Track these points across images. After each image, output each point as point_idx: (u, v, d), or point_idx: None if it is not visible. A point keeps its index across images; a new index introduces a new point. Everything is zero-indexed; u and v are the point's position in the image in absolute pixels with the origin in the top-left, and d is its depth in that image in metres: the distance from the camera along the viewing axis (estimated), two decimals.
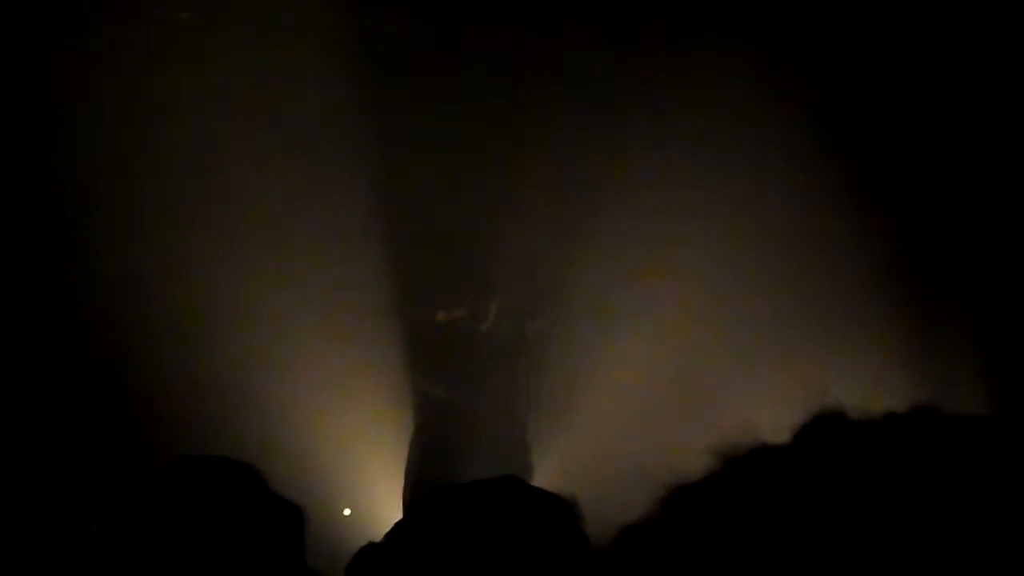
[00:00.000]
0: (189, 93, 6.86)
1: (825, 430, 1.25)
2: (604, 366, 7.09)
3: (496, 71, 7.33)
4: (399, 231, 7.18)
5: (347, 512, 6.95)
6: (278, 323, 6.95)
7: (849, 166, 7.08)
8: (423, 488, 6.72)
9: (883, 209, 7.17)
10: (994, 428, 1.20)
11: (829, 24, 7.05)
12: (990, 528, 1.14)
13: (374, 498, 6.84)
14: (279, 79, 7.02)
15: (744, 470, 1.27)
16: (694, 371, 7.07)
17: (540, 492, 2.04)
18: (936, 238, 7.26)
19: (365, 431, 6.97)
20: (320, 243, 7.08)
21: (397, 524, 2.05)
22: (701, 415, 6.99)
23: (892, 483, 1.18)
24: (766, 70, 6.84)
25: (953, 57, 7.00)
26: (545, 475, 6.62)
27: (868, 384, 6.86)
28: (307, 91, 7.03)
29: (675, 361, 7.04)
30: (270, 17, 7.07)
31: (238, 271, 6.88)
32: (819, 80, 7.05)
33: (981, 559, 1.13)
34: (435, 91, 7.27)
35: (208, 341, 6.79)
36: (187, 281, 6.81)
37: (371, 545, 3.26)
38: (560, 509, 2.00)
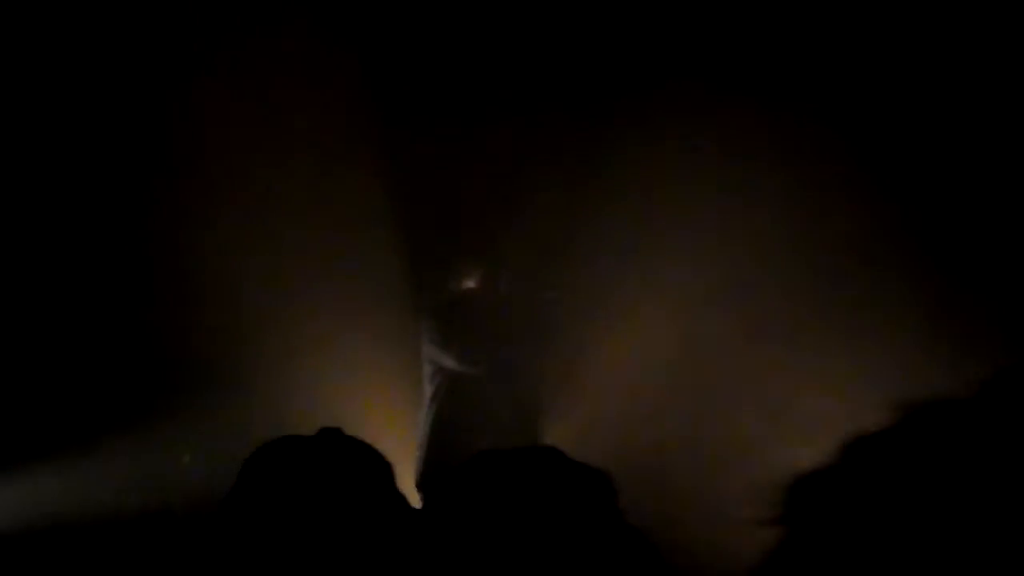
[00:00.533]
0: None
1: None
2: (617, 341, 7.10)
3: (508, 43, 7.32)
4: (413, 203, 7.18)
5: None
6: (291, 293, 6.96)
7: (860, 150, 7.07)
8: (434, 460, 6.74)
9: (893, 197, 7.16)
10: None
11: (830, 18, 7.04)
12: None
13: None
14: (291, 60, 7.03)
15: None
16: (707, 348, 7.08)
17: (580, 464, 2.06)
18: (944, 228, 7.24)
19: (376, 403, 6.98)
20: (336, 216, 7.08)
21: (436, 489, 2.06)
22: (713, 392, 7.01)
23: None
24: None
25: (958, 49, 7.00)
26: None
27: (882, 371, 6.88)
28: (322, 73, 7.03)
29: (688, 337, 7.04)
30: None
31: (255, 241, 6.90)
32: (826, 71, 7.04)
33: None
34: (449, 68, 7.27)
35: (222, 305, 6.81)
36: (208, 249, 6.83)
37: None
38: (599, 483, 2.02)
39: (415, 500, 6.57)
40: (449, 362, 6.80)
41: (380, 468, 2.38)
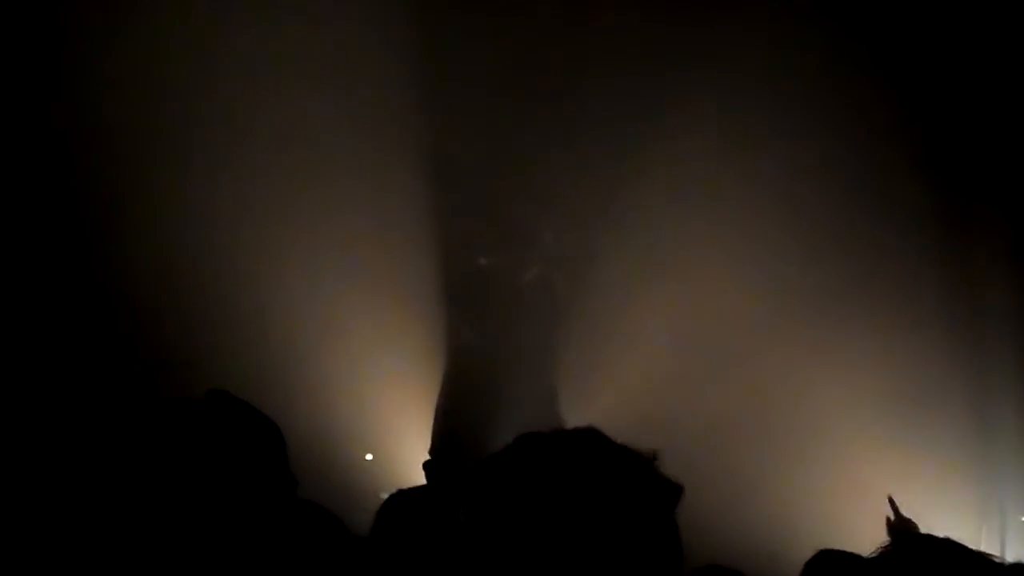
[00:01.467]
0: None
1: None
2: (636, 325, 7.06)
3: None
4: (452, 180, 7.14)
5: (369, 457, 6.93)
6: (316, 260, 6.94)
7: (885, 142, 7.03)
8: (447, 435, 6.70)
9: (911, 189, 7.12)
10: None
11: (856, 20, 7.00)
12: None
13: (398, 444, 6.81)
14: (330, 46, 6.99)
15: None
16: (722, 333, 7.06)
17: (623, 447, 2.00)
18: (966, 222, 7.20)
19: (395, 375, 6.95)
20: (366, 188, 7.04)
21: (479, 469, 1.99)
22: (727, 375, 6.98)
23: None
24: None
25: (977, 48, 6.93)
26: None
27: (893, 352, 6.83)
28: (361, 60, 6.99)
29: (705, 323, 7.00)
30: None
31: (283, 207, 6.88)
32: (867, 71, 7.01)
33: None
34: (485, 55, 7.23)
35: (241, 276, 6.78)
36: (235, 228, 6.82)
37: (400, 492, 3.22)
38: (643, 465, 1.96)
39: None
40: (469, 339, 6.77)
41: (268, 433, 2.31)
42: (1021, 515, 6.93)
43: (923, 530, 3.52)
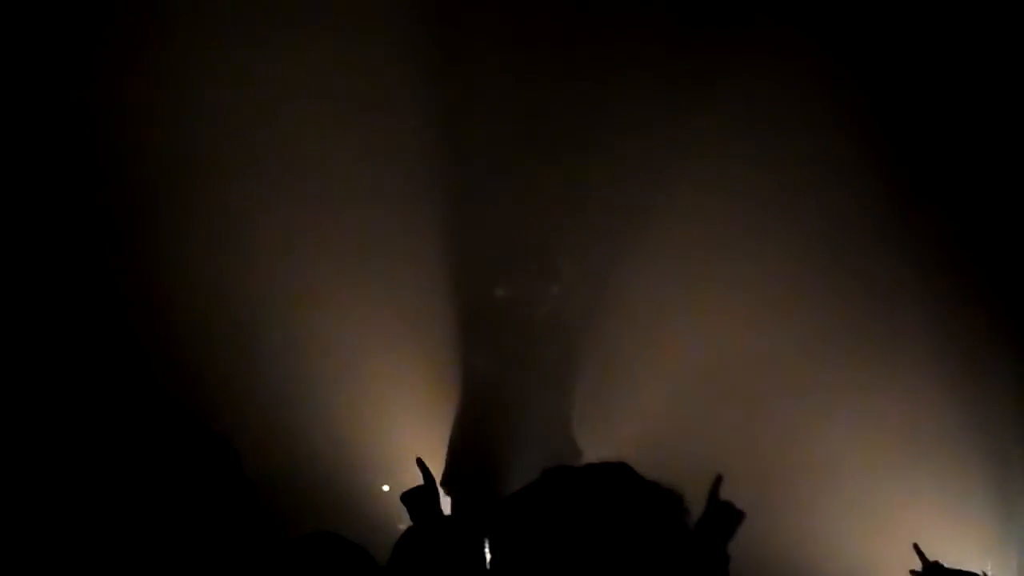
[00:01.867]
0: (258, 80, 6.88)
1: None
2: (654, 355, 7.04)
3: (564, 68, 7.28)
4: (469, 208, 7.14)
5: (386, 488, 6.92)
6: (332, 292, 6.94)
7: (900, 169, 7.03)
8: (459, 460, 6.71)
9: (927, 211, 7.11)
10: None
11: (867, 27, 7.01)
12: None
13: (415, 474, 6.79)
14: (347, 62, 7.00)
15: None
16: (742, 364, 7.02)
17: (651, 482, 2.02)
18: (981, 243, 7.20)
19: (410, 404, 6.94)
20: (380, 218, 7.05)
21: (507, 503, 2.01)
22: (747, 406, 6.96)
23: None
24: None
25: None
26: (590, 459, 6.55)
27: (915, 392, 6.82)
28: (377, 77, 7.00)
29: (723, 354, 6.98)
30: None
31: (294, 238, 6.89)
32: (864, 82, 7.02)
33: None
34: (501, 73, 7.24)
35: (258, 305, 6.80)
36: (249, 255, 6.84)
37: (419, 524, 3.24)
38: (670, 500, 1.98)
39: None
40: (485, 369, 6.77)
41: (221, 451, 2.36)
42: None
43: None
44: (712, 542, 2.39)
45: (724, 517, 2.75)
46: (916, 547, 3.69)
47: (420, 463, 3.52)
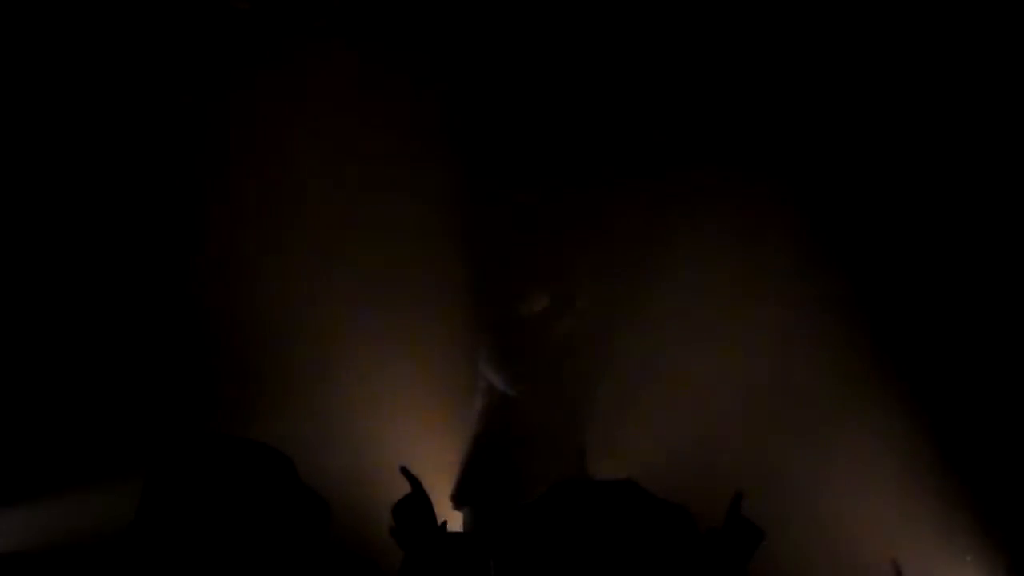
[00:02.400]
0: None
1: None
2: (674, 375, 7.03)
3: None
4: (475, 225, 7.16)
5: None
6: (346, 314, 6.96)
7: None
8: (473, 477, 6.70)
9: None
10: None
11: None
12: None
13: (430, 493, 6.77)
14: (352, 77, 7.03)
15: None
16: (762, 386, 7.00)
17: (662, 501, 2.01)
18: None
19: (425, 423, 6.95)
20: (395, 235, 7.07)
21: (514, 517, 2.00)
22: (766, 428, 6.94)
23: None
24: None
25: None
26: (607, 476, 6.53)
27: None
28: (386, 91, 7.03)
29: (745, 369, 6.96)
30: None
31: (310, 260, 6.91)
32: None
33: None
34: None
35: (270, 319, 6.82)
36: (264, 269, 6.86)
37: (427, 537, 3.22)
38: (679, 519, 1.97)
39: (447, 511, 6.55)
40: (502, 382, 6.75)
41: (280, 467, 2.35)
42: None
43: None
44: (731, 561, 2.37)
45: (744, 536, 2.74)
46: (894, 563, 3.66)
47: (405, 471, 3.51)
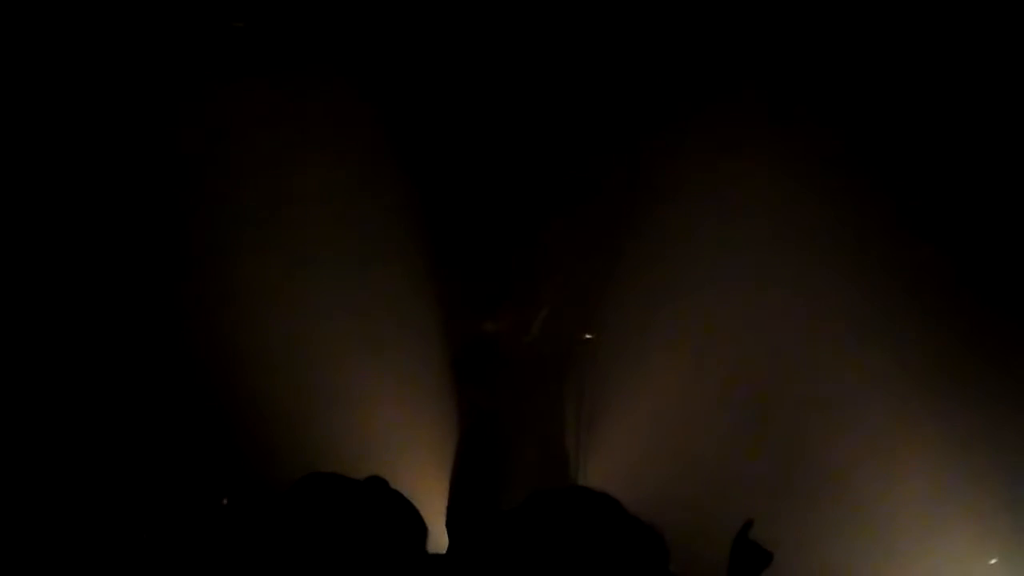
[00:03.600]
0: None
1: None
2: (651, 380, 7.03)
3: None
4: (448, 241, 7.16)
5: None
6: (323, 331, 6.94)
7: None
8: (462, 499, 6.70)
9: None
10: None
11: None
12: None
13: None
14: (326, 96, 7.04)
15: None
16: (740, 389, 6.99)
17: (635, 519, 2.03)
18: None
19: (409, 442, 6.94)
20: (369, 252, 7.06)
21: (492, 526, 2.02)
22: (748, 433, 6.94)
23: None
24: None
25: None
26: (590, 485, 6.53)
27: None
28: (360, 107, 7.04)
29: (721, 379, 6.96)
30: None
31: (285, 278, 6.90)
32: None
33: None
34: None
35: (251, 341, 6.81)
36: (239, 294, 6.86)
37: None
38: (651, 539, 1.99)
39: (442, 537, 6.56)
40: (481, 401, 6.77)
41: (415, 528, 2.36)
42: None
43: None
44: None
45: (752, 559, 2.77)
46: None
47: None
